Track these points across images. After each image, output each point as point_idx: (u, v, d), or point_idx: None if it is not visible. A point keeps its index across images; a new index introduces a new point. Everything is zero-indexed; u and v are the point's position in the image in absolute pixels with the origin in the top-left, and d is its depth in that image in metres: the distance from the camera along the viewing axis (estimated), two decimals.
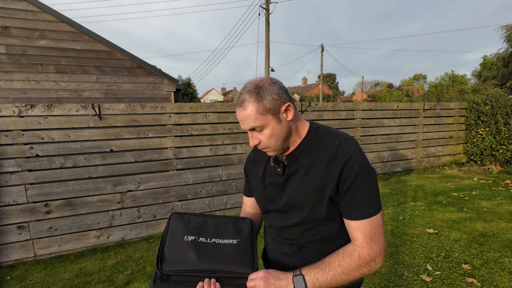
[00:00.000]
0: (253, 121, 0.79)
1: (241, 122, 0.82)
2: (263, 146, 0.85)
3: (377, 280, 2.37)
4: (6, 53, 4.76)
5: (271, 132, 0.81)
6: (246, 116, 0.79)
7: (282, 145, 0.85)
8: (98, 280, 2.57)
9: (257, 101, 0.78)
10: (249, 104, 0.79)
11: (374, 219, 0.78)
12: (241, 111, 0.80)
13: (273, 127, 0.81)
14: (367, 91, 38.51)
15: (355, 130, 4.94)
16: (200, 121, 3.58)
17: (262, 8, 13.58)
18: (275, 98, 0.80)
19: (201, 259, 0.82)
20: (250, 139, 0.84)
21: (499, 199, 3.96)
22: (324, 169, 0.82)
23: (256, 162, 1.02)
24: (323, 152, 0.84)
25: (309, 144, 0.87)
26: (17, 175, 2.84)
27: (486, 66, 22.60)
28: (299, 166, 0.87)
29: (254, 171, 1.02)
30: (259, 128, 0.81)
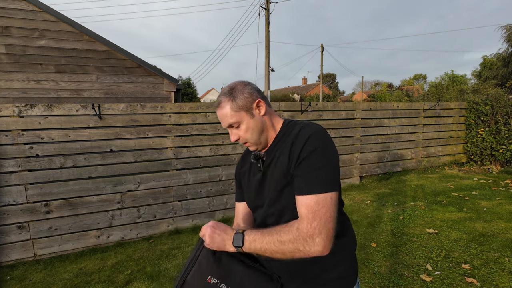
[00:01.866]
0: (229, 118, 0.90)
1: (221, 121, 0.93)
2: (242, 141, 0.94)
3: (377, 280, 2.37)
4: (6, 53, 4.76)
5: (247, 126, 0.91)
6: (223, 114, 0.91)
7: (259, 138, 0.93)
8: (98, 280, 2.57)
9: (230, 101, 0.90)
10: (224, 104, 0.91)
11: (321, 197, 0.77)
12: (219, 111, 0.92)
13: (248, 122, 0.91)
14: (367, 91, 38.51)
15: (355, 130, 4.95)
16: (200, 121, 3.58)
17: (262, 8, 13.58)
18: (246, 96, 0.91)
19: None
20: (230, 135, 0.95)
21: (499, 199, 3.96)
22: (287, 154, 0.86)
23: (243, 165, 1.08)
24: (289, 138, 0.89)
25: (281, 137, 0.94)
26: (17, 175, 2.84)
27: (486, 66, 22.60)
28: (273, 156, 0.94)
29: (243, 173, 1.07)
30: (236, 124, 0.92)
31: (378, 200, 4.27)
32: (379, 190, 4.75)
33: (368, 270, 2.52)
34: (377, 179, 5.27)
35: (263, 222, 0.98)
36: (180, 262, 2.82)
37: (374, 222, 3.49)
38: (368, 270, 2.52)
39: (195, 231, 3.52)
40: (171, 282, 2.51)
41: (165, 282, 2.51)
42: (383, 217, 3.63)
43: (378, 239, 3.07)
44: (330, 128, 4.72)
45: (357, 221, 3.58)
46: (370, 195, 4.54)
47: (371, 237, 3.11)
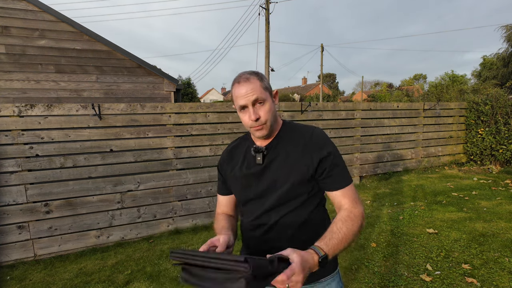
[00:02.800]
0: (258, 93, 0.90)
1: (246, 95, 0.90)
2: (261, 122, 0.92)
3: (377, 280, 2.37)
4: (6, 53, 4.76)
5: (269, 107, 0.93)
6: (252, 88, 0.90)
7: (272, 125, 0.96)
8: (98, 280, 2.57)
9: (259, 79, 0.93)
10: (253, 80, 0.92)
11: (352, 186, 0.96)
12: (248, 84, 0.91)
13: (270, 103, 0.94)
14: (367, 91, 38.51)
15: (355, 130, 4.95)
16: (200, 121, 3.58)
17: (262, 8, 13.58)
18: (268, 82, 0.97)
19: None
20: (252, 113, 0.91)
21: (499, 199, 3.96)
22: (302, 154, 0.95)
23: (231, 159, 1.08)
24: (299, 139, 0.97)
25: (284, 136, 1.00)
26: (17, 175, 2.84)
27: (486, 66, 22.61)
28: (278, 153, 0.98)
29: (230, 167, 1.07)
30: (261, 101, 0.91)
31: (378, 200, 4.27)
32: (379, 190, 4.75)
33: (368, 270, 2.52)
34: (377, 179, 5.27)
35: (261, 215, 0.99)
36: None
37: (374, 222, 3.49)
38: (368, 270, 2.52)
39: (195, 231, 3.52)
40: (171, 282, 2.51)
41: (165, 282, 2.51)
42: (383, 217, 3.63)
43: (378, 239, 3.07)
44: (330, 128, 4.72)
45: None
46: (370, 195, 4.54)
47: (371, 237, 3.11)
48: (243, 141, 1.09)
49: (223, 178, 1.11)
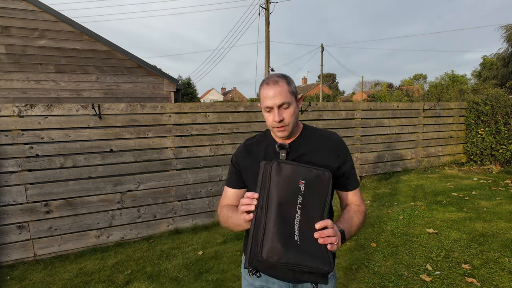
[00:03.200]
0: (284, 97, 0.96)
1: (272, 98, 0.96)
2: (285, 123, 0.98)
3: (377, 280, 2.37)
4: (6, 53, 4.76)
5: (293, 111, 0.99)
6: (280, 91, 0.95)
7: (294, 127, 1.02)
8: (98, 280, 2.57)
9: (288, 84, 0.98)
10: (283, 84, 0.97)
11: (358, 188, 1.11)
12: (276, 87, 0.96)
13: (294, 107, 1.00)
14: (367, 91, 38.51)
15: (355, 130, 4.94)
16: (200, 121, 3.58)
17: (262, 8, 13.58)
18: (295, 87, 1.03)
19: None
20: (276, 115, 0.96)
21: (499, 199, 3.96)
22: (326, 153, 1.04)
23: (249, 154, 1.10)
24: (324, 141, 1.06)
25: (306, 137, 1.08)
26: (17, 175, 2.84)
27: (486, 66, 22.60)
28: (302, 152, 1.04)
29: (249, 162, 1.08)
30: (286, 105, 0.97)
31: (378, 200, 4.27)
32: (379, 190, 4.75)
33: (368, 270, 2.52)
34: (377, 179, 5.27)
35: None
36: (180, 262, 2.82)
37: (374, 222, 3.49)
38: (368, 270, 2.52)
39: (195, 231, 3.53)
40: (171, 282, 2.51)
41: (165, 282, 2.51)
42: (383, 217, 3.63)
43: (378, 239, 3.07)
44: (330, 128, 4.72)
45: None
46: (370, 195, 4.54)
47: (371, 237, 3.11)
48: (262, 138, 1.12)
49: (237, 171, 1.12)
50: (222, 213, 1.08)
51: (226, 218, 1.04)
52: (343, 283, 2.37)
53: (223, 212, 1.08)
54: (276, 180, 0.83)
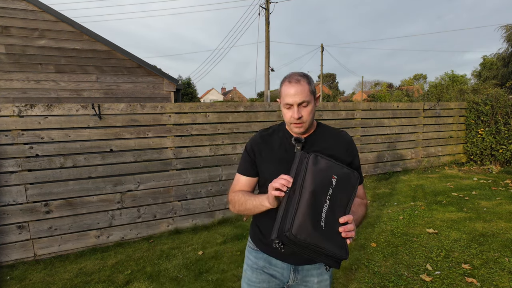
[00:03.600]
0: (305, 96, 1.01)
1: (293, 96, 1.00)
2: (302, 120, 1.04)
3: (377, 280, 2.37)
4: (6, 53, 4.76)
5: (311, 109, 1.04)
6: (301, 90, 1.00)
7: (310, 124, 1.08)
8: (98, 280, 2.57)
9: (308, 83, 1.03)
10: (304, 83, 1.02)
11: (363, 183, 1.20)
12: (298, 86, 1.01)
13: (313, 106, 1.05)
14: (367, 91, 38.50)
15: (355, 130, 4.94)
16: (200, 121, 3.58)
17: (262, 8, 13.58)
18: (315, 86, 1.08)
19: None
20: (295, 112, 1.02)
21: (499, 199, 3.96)
22: (338, 150, 1.11)
23: (265, 143, 1.14)
24: (334, 139, 1.14)
25: (320, 133, 1.14)
26: (17, 175, 2.84)
27: (486, 66, 22.61)
28: (317, 148, 1.10)
29: (265, 151, 1.13)
30: (305, 104, 1.02)
31: (378, 200, 4.27)
32: (379, 190, 4.75)
33: (368, 270, 2.52)
34: (377, 179, 5.27)
35: None
36: (180, 262, 2.82)
37: (374, 222, 3.49)
38: (368, 270, 2.52)
39: (195, 231, 3.53)
40: (171, 282, 2.51)
41: (165, 282, 2.51)
42: (383, 217, 3.63)
43: (378, 239, 3.07)
44: None
45: None
46: (370, 195, 4.54)
47: (371, 237, 3.11)
48: (277, 131, 1.17)
49: (252, 159, 1.15)
50: (237, 197, 1.10)
51: (243, 201, 1.06)
52: (343, 283, 2.37)
53: (238, 196, 1.10)
54: (313, 170, 0.90)
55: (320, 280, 1.14)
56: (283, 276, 1.13)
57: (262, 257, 1.16)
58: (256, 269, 1.16)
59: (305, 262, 1.12)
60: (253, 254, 1.19)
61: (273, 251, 1.12)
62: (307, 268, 1.13)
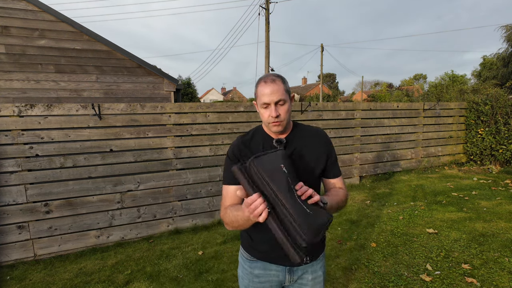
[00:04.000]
0: (281, 95, 1.04)
1: (270, 95, 1.03)
2: (280, 119, 1.06)
3: (377, 280, 2.37)
4: (6, 52, 4.76)
5: (288, 107, 1.07)
6: (278, 89, 1.03)
7: (287, 123, 1.10)
8: (98, 280, 2.57)
9: (283, 83, 1.07)
10: (279, 82, 1.05)
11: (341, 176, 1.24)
12: (274, 85, 1.04)
13: (289, 104, 1.09)
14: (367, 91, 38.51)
15: (355, 130, 4.94)
16: (200, 121, 3.58)
17: (262, 8, 13.58)
18: (289, 86, 1.11)
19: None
20: (273, 110, 1.03)
21: (499, 199, 3.96)
22: (315, 149, 1.15)
23: (248, 149, 1.12)
24: (314, 136, 1.18)
25: (297, 132, 1.17)
26: (17, 175, 2.84)
27: (486, 66, 22.61)
28: (294, 147, 1.13)
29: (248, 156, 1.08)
30: (282, 102, 1.05)
31: (378, 200, 4.27)
32: (379, 190, 4.75)
33: (368, 270, 2.52)
34: (377, 179, 5.27)
35: None
36: (180, 262, 2.82)
37: (374, 222, 3.50)
38: (368, 270, 2.52)
39: (195, 231, 3.53)
40: (171, 282, 2.51)
41: (165, 282, 2.51)
42: (383, 217, 3.63)
43: (378, 239, 3.07)
44: (330, 128, 4.71)
45: (357, 221, 3.58)
46: (370, 195, 4.54)
47: (371, 237, 3.11)
48: (256, 134, 1.17)
49: None
50: (227, 216, 1.04)
51: (234, 218, 1.00)
52: (343, 283, 2.37)
53: (228, 214, 1.04)
54: (268, 173, 0.86)
55: (314, 277, 1.17)
56: (279, 278, 1.15)
57: (257, 265, 1.16)
58: (252, 278, 1.17)
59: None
60: (247, 264, 1.20)
61: (268, 256, 1.13)
62: (301, 267, 1.15)
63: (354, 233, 3.25)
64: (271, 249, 1.11)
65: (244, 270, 1.21)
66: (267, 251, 1.13)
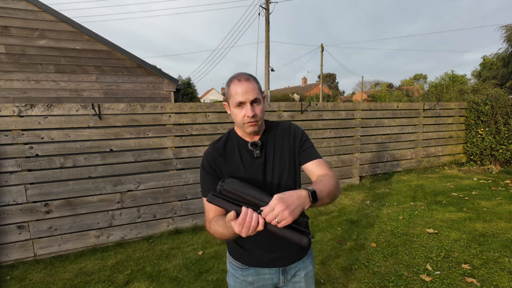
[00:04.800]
0: (256, 94, 1.02)
1: (245, 93, 1.00)
2: (257, 118, 1.03)
3: (377, 280, 2.37)
4: (6, 52, 4.76)
5: (263, 107, 1.06)
6: (253, 88, 1.01)
7: (262, 123, 1.10)
8: (98, 280, 2.57)
9: (256, 82, 1.05)
10: (253, 81, 1.03)
11: (324, 161, 1.14)
12: (249, 84, 1.01)
13: (263, 104, 1.07)
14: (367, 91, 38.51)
15: (355, 130, 4.94)
16: (200, 121, 3.58)
17: (262, 8, 13.58)
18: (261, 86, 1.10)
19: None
20: (249, 109, 1.01)
21: (499, 199, 3.96)
22: (288, 144, 1.14)
23: (222, 156, 1.09)
24: (283, 133, 1.15)
25: (270, 132, 1.15)
26: (17, 175, 2.84)
27: (486, 66, 22.62)
28: (271, 145, 1.12)
29: (226, 164, 1.08)
30: (257, 101, 1.03)
31: (378, 200, 4.27)
32: (379, 190, 4.75)
33: (368, 270, 2.52)
34: (377, 179, 5.27)
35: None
36: (180, 262, 2.82)
37: (374, 222, 3.49)
38: (368, 270, 2.52)
39: (195, 231, 3.52)
40: (171, 282, 2.51)
41: (165, 282, 2.51)
42: (383, 217, 3.63)
43: (378, 239, 3.07)
44: (330, 128, 4.71)
45: (357, 221, 3.57)
46: (370, 195, 4.54)
47: (371, 237, 3.11)
48: (229, 139, 1.13)
49: (215, 176, 1.07)
50: (214, 230, 0.99)
51: (221, 232, 0.96)
52: (343, 283, 2.37)
53: (214, 228, 0.99)
54: (240, 187, 0.90)
55: (307, 273, 1.18)
56: (273, 281, 1.15)
57: (250, 272, 1.14)
58: (246, 285, 1.15)
59: (292, 260, 1.15)
60: (239, 272, 1.15)
61: (260, 261, 1.12)
62: (293, 266, 1.16)
63: (354, 233, 3.25)
64: (262, 253, 1.11)
65: (236, 279, 1.16)
66: (259, 256, 1.12)
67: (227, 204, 0.86)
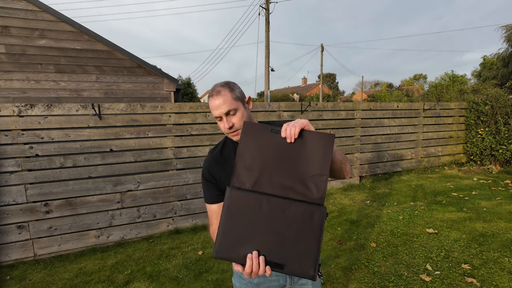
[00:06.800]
0: (229, 105, 1.00)
1: (217, 108, 1.00)
2: (236, 128, 1.03)
3: (377, 280, 2.37)
4: (6, 52, 4.76)
5: (241, 115, 1.03)
6: (224, 100, 1.00)
7: None
8: (98, 280, 2.57)
9: (230, 91, 1.02)
10: (225, 93, 1.01)
11: None
12: (218, 98, 1.00)
13: (242, 111, 1.04)
14: (367, 91, 38.52)
15: (355, 130, 4.94)
16: (200, 120, 3.58)
17: (262, 8, 13.58)
18: (240, 91, 1.08)
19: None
20: (225, 122, 1.01)
21: (499, 199, 3.96)
22: None
23: (219, 164, 1.10)
24: None
25: None
26: (17, 175, 2.84)
27: (486, 66, 22.62)
28: None
29: (223, 172, 1.08)
30: (232, 112, 1.01)
31: (378, 200, 4.27)
32: (379, 190, 4.75)
33: (368, 270, 2.52)
34: (377, 179, 5.27)
35: None
36: (180, 262, 2.82)
37: (374, 222, 3.49)
38: (368, 270, 2.52)
39: (195, 231, 3.52)
40: (171, 282, 2.51)
41: (165, 282, 2.51)
42: (383, 217, 3.63)
43: (378, 239, 3.07)
44: (330, 128, 4.72)
45: (357, 221, 3.58)
46: (370, 195, 4.54)
47: (371, 237, 3.11)
48: (225, 145, 1.14)
49: (214, 184, 1.10)
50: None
51: None
52: (343, 283, 2.37)
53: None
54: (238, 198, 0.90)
55: None
56: (280, 283, 1.14)
57: None
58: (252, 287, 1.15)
59: None
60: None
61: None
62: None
63: (354, 233, 3.25)
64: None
65: (242, 280, 1.17)
66: None
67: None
